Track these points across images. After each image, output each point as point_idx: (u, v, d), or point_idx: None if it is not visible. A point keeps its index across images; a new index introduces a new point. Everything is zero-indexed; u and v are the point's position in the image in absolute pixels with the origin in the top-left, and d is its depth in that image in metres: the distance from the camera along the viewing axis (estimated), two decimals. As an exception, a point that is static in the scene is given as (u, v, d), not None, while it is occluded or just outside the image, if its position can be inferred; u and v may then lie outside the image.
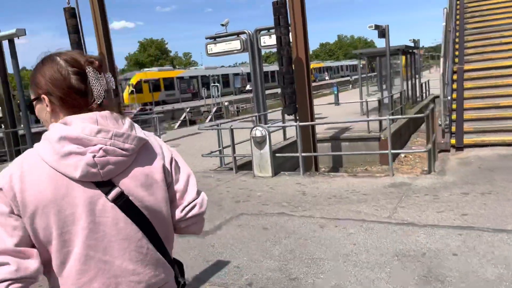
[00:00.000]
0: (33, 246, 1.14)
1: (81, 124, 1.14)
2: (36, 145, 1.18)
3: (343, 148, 11.30)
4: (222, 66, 56.03)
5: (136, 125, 1.26)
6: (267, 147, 6.83)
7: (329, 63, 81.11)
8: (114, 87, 1.26)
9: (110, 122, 1.18)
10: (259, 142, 6.83)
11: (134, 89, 40.08)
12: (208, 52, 16.67)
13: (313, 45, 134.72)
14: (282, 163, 8.81)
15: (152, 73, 44.53)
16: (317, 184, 6.16)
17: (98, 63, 1.22)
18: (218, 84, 31.73)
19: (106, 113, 1.19)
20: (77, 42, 10.27)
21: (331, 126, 12.25)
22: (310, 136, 8.32)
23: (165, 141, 1.32)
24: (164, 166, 1.26)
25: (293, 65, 8.57)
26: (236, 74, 54.31)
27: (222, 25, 16.06)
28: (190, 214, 1.29)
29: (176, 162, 1.35)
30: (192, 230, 1.34)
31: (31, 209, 1.10)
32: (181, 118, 22.21)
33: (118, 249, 1.16)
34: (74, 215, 1.13)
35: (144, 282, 1.19)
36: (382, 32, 13.77)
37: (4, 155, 14.21)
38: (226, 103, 20.58)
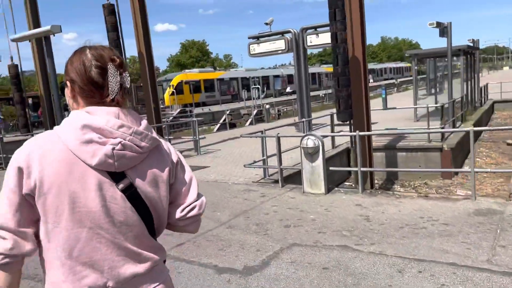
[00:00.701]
0: (35, 226, 1.27)
1: (106, 116, 1.24)
2: (56, 127, 1.28)
3: (400, 159, 10.12)
4: (262, 68, 55.36)
5: (150, 126, 1.35)
6: (320, 159, 5.89)
7: (372, 65, 78.68)
8: (128, 86, 1.34)
9: (130, 119, 1.29)
10: (311, 154, 5.90)
11: (174, 90, 40.24)
12: (251, 53, 15.92)
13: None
14: (331, 173, 7.83)
15: (193, 74, 44.53)
16: (382, 206, 5.15)
17: (119, 61, 1.34)
18: (259, 86, 31.00)
19: (127, 110, 1.30)
20: (115, 40, 9.77)
21: (384, 132, 11.09)
22: (367, 147, 7.29)
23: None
24: (170, 168, 1.37)
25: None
26: (276, 76, 53.50)
27: (266, 23, 15.25)
28: (189, 215, 1.42)
29: (182, 165, 1.45)
30: (189, 229, 1.48)
31: (47, 187, 1.21)
32: (221, 121, 21.58)
33: (124, 233, 1.28)
34: (87, 198, 1.23)
35: (145, 260, 1.33)
36: (443, 30, 12.43)
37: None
38: (267, 106, 19.75)
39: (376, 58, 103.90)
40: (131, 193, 1.26)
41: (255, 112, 21.31)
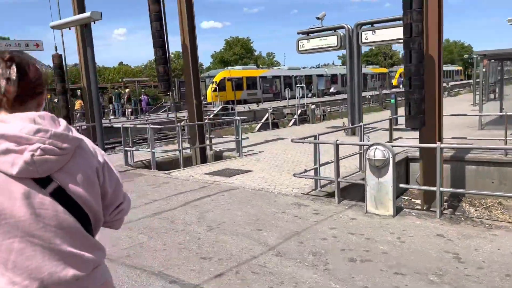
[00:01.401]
0: None
1: (20, 123, 1.23)
2: None
3: (468, 173, 8.85)
4: (304, 67, 54.04)
5: (70, 126, 1.34)
6: (389, 174, 4.88)
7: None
8: (14, 78, 1.27)
9: (47, 122, 1.27)
10: (378, 167, 4.91)
11: (217, 87, 39.96)
12: (300, 49, 14.96)
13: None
14: None
15: (236, 71, 44.05)
16: (472, 240, 4.09)
17: (8, 56, 1.29)
18: (303, 85, 29.95)
19: (43, 113, 1.29)
20: (158, 30, 9.15)
21: (449, 141, 9.81)
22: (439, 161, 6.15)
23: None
24: (97, 167, 1.37)
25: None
26: (319, 76, 52.08)
27: (318, 18, 14.23)
28: (117, 217, 1.48)
29: (108, 166, 1.42)
30: (114, 227, 1.52)
31: None
32: (263, 120, 20.74)
33: (60, 237, 1.26)
34: (13, 209, 1.20)
35: (86, 262, 1.31)
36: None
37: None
38: (312, 106, 18.72)
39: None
40: (60, 196, 1.26)
41: (299, 112, 20.31)
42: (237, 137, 10.54)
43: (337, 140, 5.74)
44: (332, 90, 48.85)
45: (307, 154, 10.09)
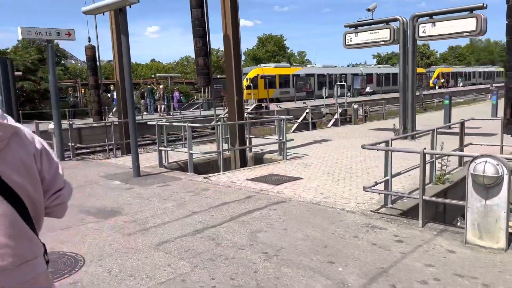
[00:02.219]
0: None
1: None
2: None
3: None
4: (335, 66, 52.43)
5: (6, 115, 1.37)
6: (502, 196, 3.74)
7: (459, 69, 72.03)
8: None
9: None
10: (487, 186, 3.78)
11: (251, 84, 39.15)
12: (346, 43, 13.77)
13: (441, 48, 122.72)
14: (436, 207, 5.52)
15: (269, 69, 43.07)
16: None
17: None
18: (344, 83, 28.62)
19: None
20: (199, 18, 8.25)
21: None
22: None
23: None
24: (35, 154, 1.39)
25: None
26: (355, 75, 50.39)
27: (368, 10, 13.01)
28: (55, 202, 1.47)
29: (47, 152, 1.45)
30: (54, 215, 1.53)
31: None
32: (299, 120, 19.60)
33: None
34: None
35: (17, 255, 1.28)
36: None
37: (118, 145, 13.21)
38: (355, 106, 17.45)
39: (464, 61, 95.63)
40: None
41: (339, 112, 19.08)
42: (281, 138, 9.53)
43: (424, 149, 4.60)
44: (368, 89, 47.07)
45: (358, 159, 8.99)
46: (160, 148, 8.62)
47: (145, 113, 25.97)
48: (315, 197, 5.97)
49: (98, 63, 12.00)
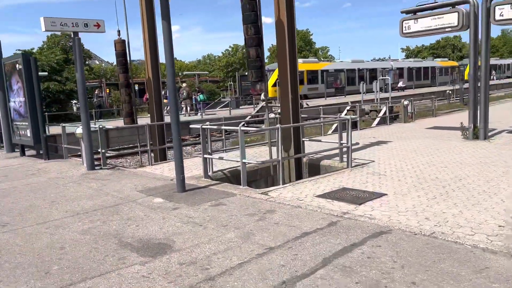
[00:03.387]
0: None
1: None
2: None
3: None
4: (365, 61, 50.32)
5: None
6: None
7: (493, 61, 68.55)
8: None
9: None
10: None
11: (278, 81, 37.55)
12: (404, 31, 12.20)
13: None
14: None
15: (296, 64, 41.32)
16: None
17: None
18: (388, 77, 26.88)
19: None
20: (250, 1, 6.90)
21: None
22: None
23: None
24: None
25: None
26: (385, 69, 48.25)
27: (430, -8, 11.45)
28: None
29: None
30: None
31: None
32: (339, 118, 17.98)
33: None
34: None
35: None
36: None
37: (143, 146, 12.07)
38: (405, 102, 15.76)
39: (497, 53, 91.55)
40: None
41: (384, 109, 17.47)
42: (345, 142, 8.11)
43: None
44: (400, 84, 44.88)
45: (438, 166, 7.51)
46: (205, 155, 7.33)
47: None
48: (421, 224, 4.54)
49: (128, 58, 10.86)
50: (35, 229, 4.98)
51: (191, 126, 7.82)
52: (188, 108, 25.76)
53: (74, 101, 28.91)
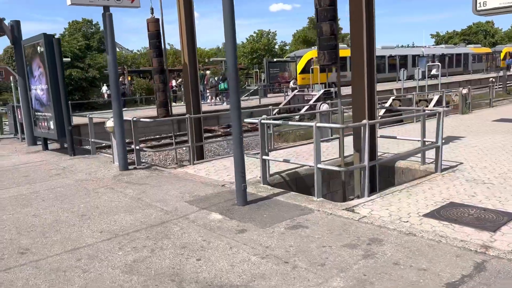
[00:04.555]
0: None
1: None
2: None
3: None
4: (395, 47, 47.98)
5: None
6: None
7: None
8: None
9: None
10: None
11: (304, 69, 36.25)
12: (478, 9, 10.41)
13: (505, 25, 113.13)
14: None
15: (324, 51, 39.47)
16: None
17: None
18: (439, 64, 25.05)
19: None
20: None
21: None
22: None
23: None
24: None
25: None
26: (417, 56, 45.93)
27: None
28: None
29: None
30: None
31: None
32: (382, 110, 16.41)
33: None
34: None
35: None
36: None
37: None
38: (464, 91, 14.00)
39: None
40: None
41: (435, 98, 15.79)
42: (428, 141, 6.63)
43: None
44: (434, 72, 42.51)
45: None
46: (264, 157, 5.98)
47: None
48: None
49: (163, 41, 9.54)
50: (63, 261, 3.73)
51: (246, 120, 6.45)
52: (213, 97, 24.47)
53: (105, 88, 27.87)
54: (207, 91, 24.43)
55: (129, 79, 36.65)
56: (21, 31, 10.13)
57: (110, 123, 7.49)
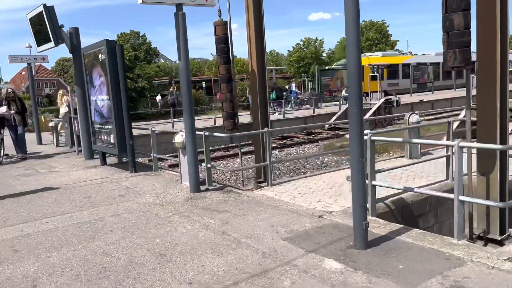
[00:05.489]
0: None
1: None
2: None
3: None
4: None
5: None
6: None
7: None
8: None
9: None
10: None
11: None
12: None
13: None
14: None
15: (376, 58, 37.96)
16: None
17: None
18: None
19: None
20: None
21: None
22: None
23: None
24: None
25: None
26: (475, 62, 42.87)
27: None
28: None
29: None
30: None
31: None
32: (457, 119, 14.66)
33: None
34: None
35: None
36: None
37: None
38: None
39: None
40: None
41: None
42: None
43: None
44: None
45: None
46: (373, 182, 4.83)
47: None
48: None
49: (230, 45, 8.66)
50: (152, 333, 2.75)
51: (372, 136, 5.31)
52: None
53: (159, 97, 27.78)
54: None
55: (175, 89, 36.67)
56: (80, 36, 9.61)
57: (179, 138, 6.62)
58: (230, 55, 8.67)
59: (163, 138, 11.66)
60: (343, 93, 29.76)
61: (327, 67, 34.91)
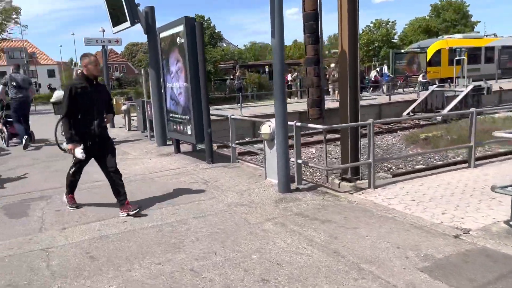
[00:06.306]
0: None
1: None
2: None
3: None
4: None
5: None
6: None
7: None
8: None
9: None
10: None
11: (430, 61, 32.10)
12: None
13: None
14: None
15: (455, 40, 34.71)
16: None
17: None
18: None
19: None
20: None
21: None
22: None
23: None
24: None
25: None
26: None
27: None
28: None
29: None
30: None
31: None
32: None
33: None
34: None
35: None
36: None
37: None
38: None
39: None
40: None
41: None
42: None
43: None
44: None
45: None
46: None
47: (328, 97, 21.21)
48: None
49: (320, 23, 7.62)
50: None
51: (495, 134, 4.17)
52: (336, 93, 22.17)
53: (228, 81, 27.31)
54: (330, 85, 22.24)
55: (241, 73, 36.11)
56: (155, 16, 9.06)
57: (266, 129, 5.78)
58: (319, 33, 7.64)
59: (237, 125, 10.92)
60: (420, 78, 27.48)
61: (402, 50, 32.37)
